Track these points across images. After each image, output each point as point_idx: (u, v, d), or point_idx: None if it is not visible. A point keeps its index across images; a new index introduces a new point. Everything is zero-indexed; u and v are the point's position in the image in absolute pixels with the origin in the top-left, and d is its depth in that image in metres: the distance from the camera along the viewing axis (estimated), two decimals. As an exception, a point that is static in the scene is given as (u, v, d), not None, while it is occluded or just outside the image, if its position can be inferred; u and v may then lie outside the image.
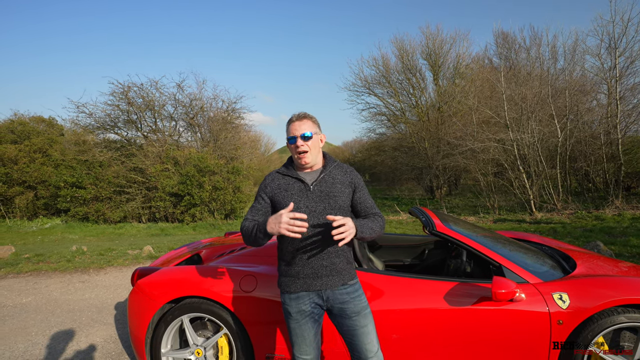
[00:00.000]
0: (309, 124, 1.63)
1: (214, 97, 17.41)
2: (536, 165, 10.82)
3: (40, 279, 5.24)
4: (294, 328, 1.62)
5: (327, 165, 1.70)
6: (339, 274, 1.62)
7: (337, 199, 1.62)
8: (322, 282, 1.59)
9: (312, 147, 1.62)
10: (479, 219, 10.08)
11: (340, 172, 1.69)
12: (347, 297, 1.62)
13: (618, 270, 2.30)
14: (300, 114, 1.65)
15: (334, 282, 1.61)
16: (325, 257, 1.59)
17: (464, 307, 1.96)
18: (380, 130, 23.04)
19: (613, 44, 10.73)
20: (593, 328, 1.87)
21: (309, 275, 1.59)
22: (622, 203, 10.01)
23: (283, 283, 1.66)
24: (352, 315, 1.60)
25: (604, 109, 11.81)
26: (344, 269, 1.64)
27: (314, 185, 1.62)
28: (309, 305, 1.61)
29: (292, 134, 1.62)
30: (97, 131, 14.80)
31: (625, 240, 6.08)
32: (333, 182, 1.65)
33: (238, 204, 13.61)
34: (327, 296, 1.61)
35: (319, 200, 1.60)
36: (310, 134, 1.61)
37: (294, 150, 1.63)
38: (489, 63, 21.12)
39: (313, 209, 1.59)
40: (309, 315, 1.61)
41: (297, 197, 1.60)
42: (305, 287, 1.60)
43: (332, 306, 1.62)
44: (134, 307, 2.37)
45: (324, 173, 1.66)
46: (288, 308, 1.63)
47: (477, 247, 2.17)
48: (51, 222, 13.94)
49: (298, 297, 1.61)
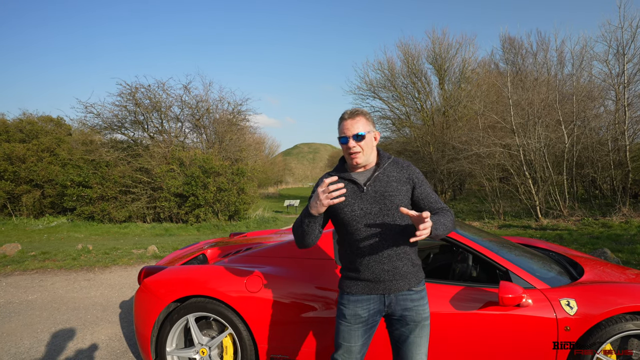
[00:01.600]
0: (363, 121, 1.51)
1: (220, 99, 17.54)
2: (542, 171, 10.74)
3: (46, 276, 5.29)
4: (342, 331, 1.54)
5: (380, 162, 1.57)
6: (403, 278, 1.52)
7: (394, 198, 1.49)
8: (385, 286, 1.51)
9: (365, 146, 1.50)
10: (484, 224, 10.01)
11: (396, 169, 1.56)
12: (411, 304, 1.52)
13: (626, 278, 2.28)
14: (353, 110, 1.53)
15: (399, 286, 1.51)
16: (386, 261, 1.49)
17: (470, 312, 1.95)
18: (385, 134, 23.05)
19: (621, 50, 10.66)
20: (601, 335, 1.85)
21: (371, 279, 1.51)
22: (630, 210, 9.90)
23: (344, 285, 1.58)
24: (411, 323, 1.51)
25: (612, 115, 11.71)
26: (408, 272, 1.53)
27: (368, 185, 1.52)
28: (366, 310, 1.53)
29: (344, 133, 1.49)
30: (104, 131, 14.97)
31: (633, 247, 6.00)
32: (388, 180, 1.52)
33: (242, 205, 13.67)
34: (389, 301, 1.52)
35: (374, 202, 1.49)
36: (363, 133, 1.48)
37: (346, 150, 1.51)
38: (495, 68, 21.06)
39: (368, 210, 1.48)
40: (364, 322, 1.53)
41: (351, 200, 1.50)
42: (368, 290, 1.52)
43: (394, 311, 1.53)
44: (140, 306, 2.38)
45: (378, 171, 1.53)
46: (344, 309, 1.55)
47: (483, 252, 2.16)
48: (57, 221, 14.07)
49: (358, 300, 1.52)
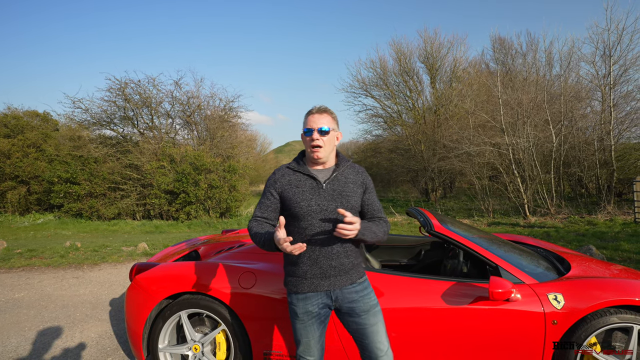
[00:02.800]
0: (329, 119, 1.59)
1: (212, 95, 17.39)
2: (531, 170, 10.93)
3: (33, 274, 5.19)
4: (299, 329, 1.59)
5: (340, 164, 1.66)
6: (347, 274, 1.59)
7: (350, 198, 1.58)
8: (330, 283, 1.56)
9: (327, 142, 1.58)
10: (473, 222, 10.15)
11: (353, 172, 1.66)
12: (356, 295, 1.59)
13: (610, 273, 2.34)
14: (322, 107, 1.61)
15: (342, 281, 1.58)
16: (334, 258, 1.56)
17: (461, 306, 1.99)
18: (377, 132, 23.14)
19: (608, 51, 10.89)
20: (586, 328, 1.90)
21: (317, 275, 1.56)
22: (614, 208, 10.16)
23: (290, 283, 1.61)
24: (362, 313, 1.57)
25: (598, 115, 11.98)
26: (352, 268, 1.61)
27: (327, 183, 1.59)
28: (316, 306, 1.58)
29: (309, 125, 1.57)
30: (92, 127, 14.70)
31: (617, 244, 6.17)
32: (346, 181, 1.61)
33: (233, 202, 13.59)
34: (335, 295, 1.58)
35: (331, 199, 1.56)
36: (327, 129, 1.56)
37: (308, 142, 1.58)
38: (485, 68, 21.33)
39: (324, 207, 1.55)
40: (316, 317, 1.58)
41: (308, 195, 1.56)
42: (313, 287, 1.56)
43: (341, 305, 1.60)
44: (131, 302, 2.36)
45: (337, 172, 1.62)
46: (295, 309, 1.59)
47: (474, 248, 2.20)
48: (44, 218, 13.80)
49: (306, 297, 1.57)
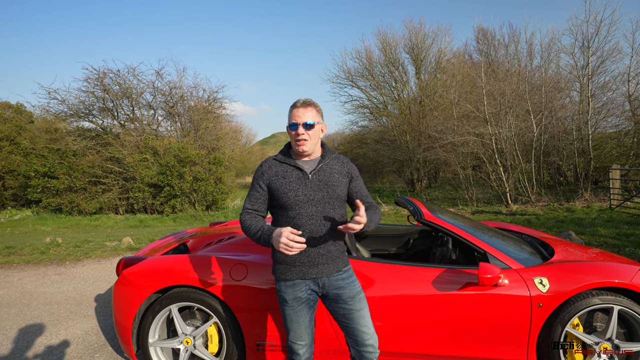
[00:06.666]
0: (313, 112, 1.62)
1: (195, 85, 17.03)
2: (512, 159, 11.20)
3: (12, 271, 5.01)
4: (289, 314, 1.64)
5: (325, 155, 1.71)
6: (334, 262, 1.65)
7: (336, 188, 1.64)
8: (318, 270, 1.62)
9: (312, 136, 1.61)
10: (458, 211, 10.37)
11: (338, 163, 1.72)
12: (343, 282, 1.66)
13: (588, 257, 2.44)
14: (306, 100, 1.64)
15: (330, 269, 1.64)
16: (322, 246, 1.62)
17: (451, 292, 2.03)
18: (363, 123, 23.23)
19: (586, 43, 11.18)
20: (570, 310, 1.98)
21: (305, 263, 1.61)
22: (591, 196, 10.55)
23: (278, 270, 1.66)
24: (348, 300, 1.64)
25: (576, 105, 12.34)
26: (338, 256, 1.67)
27: (313, 174, 1.63)
28: (305, 292, 1.62)
29: (294, 120, 1.60)
30: (70, 119, 14.17)
31: (594, 230, 6.44)
32: (331, 172, 1.67)
33: (220, 195, 13.44)
34: (323, 283, 1.64)
35: (318, 189, 1.61)
36: (312, 123, 1.59)
37: (294, 136, 1.62)
38: (469, 59, 21.57)
39: (312, 197, 1.60)
40: (305, 302, 1.63)
41: (295, 185, 1.60)
42: (302, 274, 1.61)
43: (328, 292, 1.65)
44: (119, 298, 2.31)
45: (323, 163, 1.67)
46: (284, 295, 1.64)
47: (463, 235, 2.24)
48: (21, 214, 13.32)
49: (294, 284, 1.62)
